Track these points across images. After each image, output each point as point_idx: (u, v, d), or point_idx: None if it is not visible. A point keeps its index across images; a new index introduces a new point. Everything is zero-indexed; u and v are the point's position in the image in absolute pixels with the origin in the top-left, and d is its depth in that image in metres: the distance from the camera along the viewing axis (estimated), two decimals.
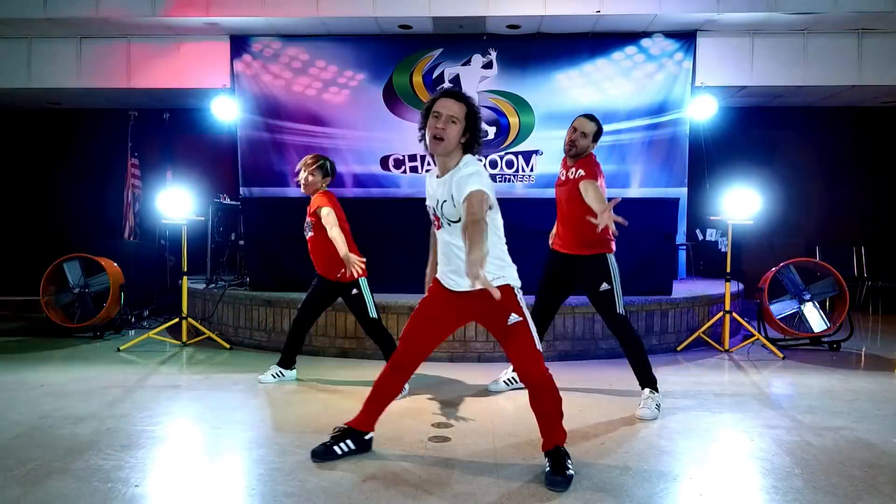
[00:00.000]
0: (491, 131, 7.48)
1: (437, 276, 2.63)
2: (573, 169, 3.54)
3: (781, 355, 4.90)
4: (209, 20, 7.03)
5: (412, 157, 7.48)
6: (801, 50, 7.28)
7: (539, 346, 2.55)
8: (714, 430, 3.16)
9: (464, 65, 7.49)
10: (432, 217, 2.57)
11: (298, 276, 5.39)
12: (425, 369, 4.05)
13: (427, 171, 7.42)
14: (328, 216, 3.73)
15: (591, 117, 3.64)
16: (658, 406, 3.38)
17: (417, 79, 7.49)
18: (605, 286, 3.45)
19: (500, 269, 2.48)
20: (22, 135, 8.99)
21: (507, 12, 6.85)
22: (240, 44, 7.53)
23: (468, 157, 2.47)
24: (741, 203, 5.03)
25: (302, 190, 3.96)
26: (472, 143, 2.47)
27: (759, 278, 5.63)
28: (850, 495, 2.35)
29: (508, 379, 3.94)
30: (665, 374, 4.33)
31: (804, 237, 8.55)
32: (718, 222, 5.63)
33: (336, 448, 2.70)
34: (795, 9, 6.68)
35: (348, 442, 2.72)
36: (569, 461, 2.52)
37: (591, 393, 3.86)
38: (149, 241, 8.23)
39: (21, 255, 8.66)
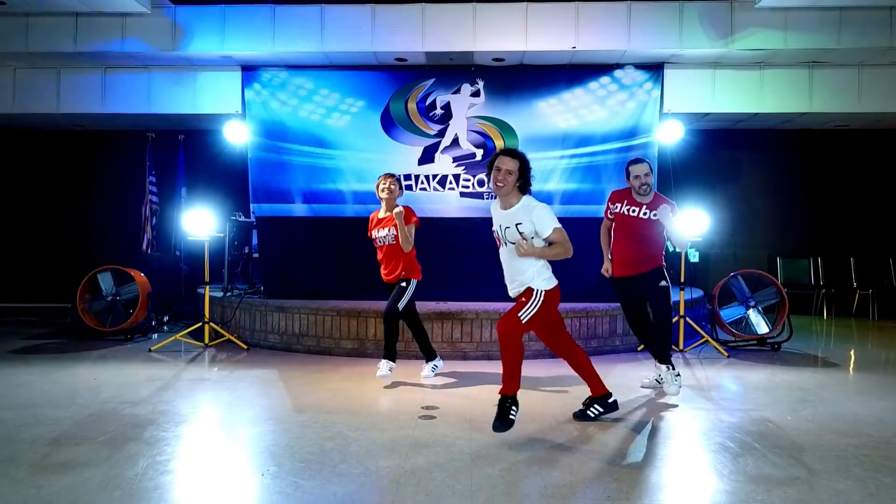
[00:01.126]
0: (479, 153, 8.25)
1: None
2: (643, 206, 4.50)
3: (726, 354, 5.67)
4: (223, 53, 7.78)
5: (407, 177, 8.23)
6: (758, 80, 8.08)
7: (524, 319, 3.36)
8: (648, 412, 3.91)
9: (454, 93, 8.26)
10: (496, 238, 3.53)
11: (306, 285, 6.15)
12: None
13: (420, 188, 8.23)
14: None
15: (642, 160, 4.59)
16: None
17: (412, 105, 8.26)
18: (663, 283, 4.37)
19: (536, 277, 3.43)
20: (48, 154, 9.74)
21: (492, 48, 7.64)
22: (250, 74, 8.28)
23: (528, 197, 3.45)
24: (692, 221, 5.78)
25: (386, 201, 4.79)
26: (525, 185, 3.44)
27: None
28: (736, 454, 3.09)
29: (656, 378, 4.50)
30: (625, 370, 5.10)
31: (765, 249, 9.33)
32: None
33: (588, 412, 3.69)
34: (750, 46, 7.48)
35: (596, 406, 3.69)
36: (513, 408, 3.35)
37: (554, 384, 4.61)
38: (165, 252, 8.96)
39: (46, 267, 9.40)
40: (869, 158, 9.38)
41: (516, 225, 3.37)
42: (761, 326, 6.02)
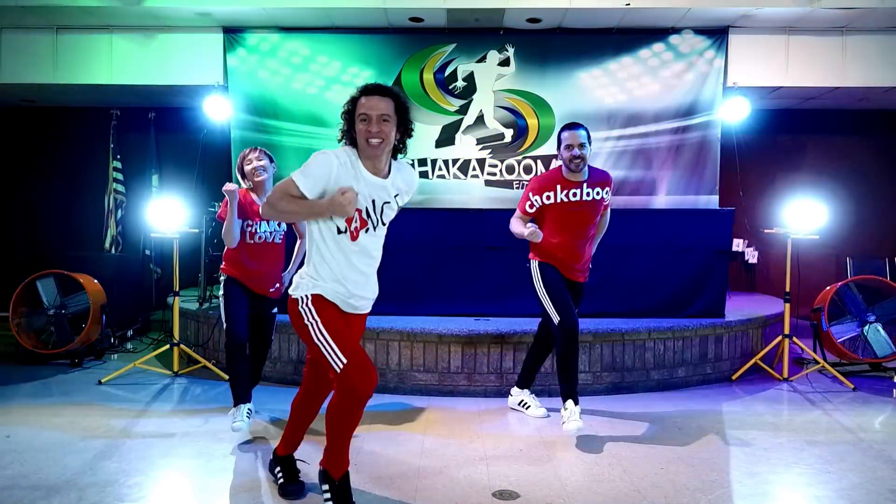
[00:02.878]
0: (508, 134, 6.92)
1: (333, 298, 2.40)
2: (592, 188, 3.43)
3: (852, 385, 4.40)
4: (201, 10, 6.39)
5: (422, 162, 6.88)
6: (839, 49, 6.82)
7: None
8: (788, 482, 2.62)
9: (479, 62, 6.92)
10: (346, 224, 2.35)
11: None
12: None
13: (437, 175, 6.89)
14: None
15: (578, 124, 3.56)
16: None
17: (428, 76, 6.90)
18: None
19: None
20: None
21: (528, 4, 6.30)
22: (234, 37, 6.89)
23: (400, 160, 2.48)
24: (805, 214, 4.51)
25: (255, 181, 3.61)
26: (403, 142, 2.44)
27: (793, 294, 5.11)
28: None
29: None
30: (721, 415, 3.81)
31: (833, 248, 8.08)
32: (773, 235, 5.07)
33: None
34: (838, 3, 6.20)
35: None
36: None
37: (663, 439, 3.30)
38: (132, 252, 7.56)
39: None
40: None
41: (395, 197, 2.45)
42: (882, 347, 4.75)
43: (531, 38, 6.87)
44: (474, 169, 6.97)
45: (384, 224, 2.43)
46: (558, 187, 3.37)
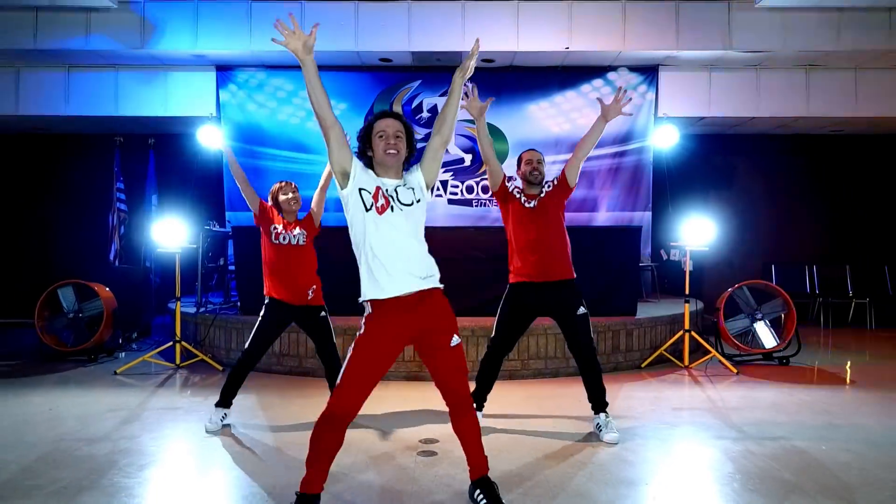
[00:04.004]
0: (467, 158, 7.89)
1: (378, 295, 2.50)
2: (539, 197, 3.77)
3: (735, 370, 5.36)
4: (196, 52, 7.32)
5: None
6: (754, 83, 7.84)
7: None
8: (670, 441, 3.56)
9: (441, 95, 7.89)
10: (372, 200, 2.52)
11: None
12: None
13: None
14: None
15: (535, 149, 3.98)
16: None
17: (398, 108, 7.87)
18: (582, 310, 3.65)
19: (434, 268, 2.63)
20: (6, 160, 9.14)
21: (482, 48, 7.26)
22: (225, 74, 7.84)
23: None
24: (698, 231, 5.48)
25: (290, 208, 3.99)
26: (410, 157, 2.69)
27: (718, 297, 6.09)
28: (779, 496, 2.75)
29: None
30: (630, 390, 4.76)
31: (760, 258, 9.10)
32: (677, 247, 6.07)
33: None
34: (747, 47, 7.23)
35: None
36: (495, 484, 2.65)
37: (562, 410, 4.24)
38: (134, 264, 8.42)
39: (5, 279, 8.79)
40: (864, 164, 9.21)
41: (409, 188, 2.61)
42: (769, 340, 5.73)
43: (487, 75, 7.85)
44: (438, 189, 7.91)
45: (405, 204, 2.54)
46: (517, 191, 3.82)
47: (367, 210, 2.52)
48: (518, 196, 3.82)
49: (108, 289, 6.15)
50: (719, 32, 7.19)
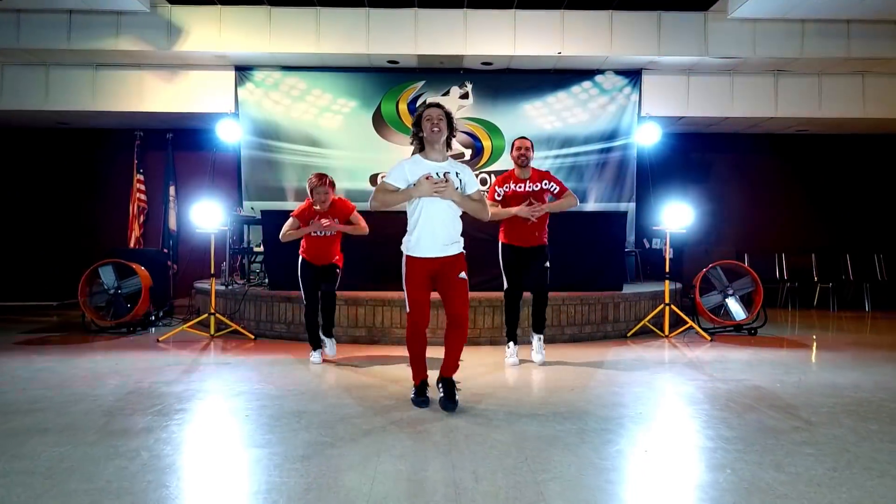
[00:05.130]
0: (467, 153, 8.57)
1: (421, 254, 3.47)
2: (531, 182, 4.82)
3: (709, 338, 6.09)
4: (218, 53, 7.91)
5: None
6: (728, 87, 8.62)
7: None
8: (653, 383, 4.26)
9: (443, 95, 8.57)
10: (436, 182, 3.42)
11: None
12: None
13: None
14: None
15: (525, 137, 4.95)
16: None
17: (403, 106, 8.53)
18: (547, 264, 4.81)
19: (459, 238, 3.57)
20: (33, 152, 9.65)
21: (482, 52, 7.97)
22: (244, 73, 8.43)
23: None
24: (677, 215, 6.20)
25: (324, 206, 4.89)
26: (450, 138, 3.57)
27: (695, 276, 6.82)
28: (741, 412, 3.46)
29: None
30: (618, 353, 5.45)
31: (734, 245, 9.88)
32: (661, 232, 6.79)
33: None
34: (721, 54, 8.00)
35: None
36: (456, 388, 3.60)
37: (561, 363, 4.93)
38: (152, 250, 8.98)
39: (31, 265, 9.30)
40: (828, 161, 10.04)
41: (457, 175, 3.49)
42: (739, 313, 6.46)
43: (485, 76, 8.55)
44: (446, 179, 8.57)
45: (455, 187, 3.44)
46: (511, 182, 4.83)
47: None
48: (508, 186, 4.85)
49: (144, 268, 6.71)
50: (696, 40, 7.95)
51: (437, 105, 3.54)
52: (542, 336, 4.91)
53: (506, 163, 8.63)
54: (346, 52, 7.88)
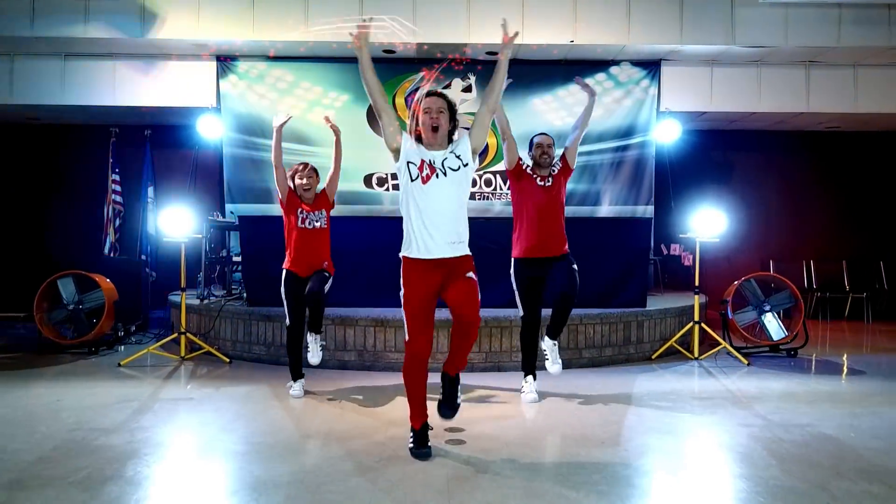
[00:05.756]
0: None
1: (423, 254, 2.96)
2: (551, 176, 4.16)
3: (746, 361, 5.37)
4: (197, 41, 7.19)
5: (395, 175, 7.76)
6: (755, 79, 7.89)
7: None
8: (699, 430, 3.54)
9: (444, 88, 7.84)
10: (418, 171, 2.95)
11: None
12: None
13: None
14: None
15: (546, 133, 4.36)
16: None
17: (400, 100, 7.80)
18: (575, 266, 4.08)
19: (466, 235, 3.04)
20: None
21: (487, 40, 7.24)
22: (226, 64, 7.71)
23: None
24: (708, 222, 5.48)
25: (304, 194, 4.28)
26: (454, 131, 3.11)
27: (720, 290, 6.13)
28: (820, 481, 2.74)
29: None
30: (646, 381, 4.74)
31: (759, 252, 9.16)
32: (686, 239, 6.05)
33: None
34: (750, 42, 7.27)
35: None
36: (460, 389, 3.16)
37: (584, 398, 4.21)
38: (129, 257, 8.28)
39: None
40: (860, 161, 9.31)
41: (457, 155, 3.02)
42: (777, 332, 5.75)
43: (490, 67, 7.79)
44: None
45: (454, 170, 2.96)
46: (529, 173, 4.16)
47: (412, 180, 2.97)
48: (532, 175, 4.16)
49: (109, 280, 6.00)
50: (723, 27, 7.22)
51: (438, 94, 3.07)
52: (557, 342, 4.18)
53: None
54: (337, 41, 7.15)
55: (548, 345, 4.16)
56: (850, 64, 7.81)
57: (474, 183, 7.90)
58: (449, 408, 3.13)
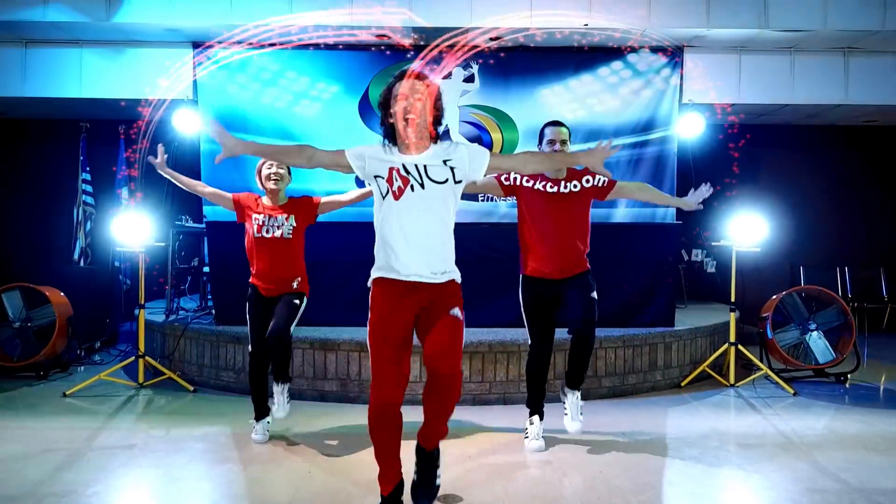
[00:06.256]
0: None
1: (398, 273, 2.40)
2: (567, 182, 3.37)
3: (793, 391, 4.62)
4: (170, 26, 6.50)
5: None
6: (788, 67, 7.13)
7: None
8: (757, 493, 2.81)
9: (444, 78, 7.10)
10: (387, 184, 2.39)
11: None
12: None
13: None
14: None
15: (560, 122, 3.52)
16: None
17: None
18: (594, 294, 3.36)
19: (452, 265, 2.47)
20: None
21: (492, 24, 6.49)
22: (203, 52, 7.00)
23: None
24: (747, 229, 4.75)
25: (272, 187, 3.65)
26: (437, 123, 2.49)
27: (746, 299, 5.36)
28: None
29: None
30: (678, 417, 4.03)
31: (787, 257, 8.40)
32: (727, 249, 5.25)
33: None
34: (784, 26, 6.52)
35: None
36: (439, 466, 2.49)
37: (607, 444, 3.48)
38: (101, 264, 7.58)
39: None
40: None
41: (446, 162, 2.41)
42: (824, 354, 5.01)
43: (494, 55, 7.07)
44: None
45: (436, 181, 2.37)
46: (538, 180, 3.37)
47: (383, 197, 2.41)
48: (530, 183, 3.36)
49: (62, 294, 5.31)
50: (754, 8, 6.47)
51: (418, 75, 2.44)
52: (579, 394, 3.46)
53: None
54: (326, 23, 6.43)
55: (567, 397, 3.44)
56: (892, 51, 7.05)
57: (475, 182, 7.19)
58: (426, 493, 2.44)
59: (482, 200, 7.14)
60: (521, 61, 7.09)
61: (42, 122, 8.11)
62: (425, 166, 2.37)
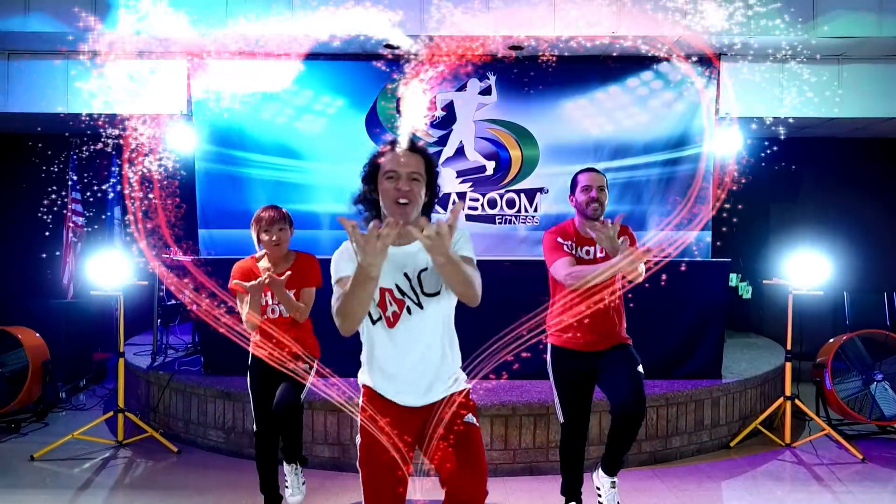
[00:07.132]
0: (490, 166, 6.57)
1: (378, 389, 2.05)
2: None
3: (861, 456, 4.04)
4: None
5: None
6: (835, 78, 6.53)
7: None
8: None
9: (459, 90, 6.57)
10: (379, 310, 2.00)
11: None
12: None
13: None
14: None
15: (596, 169, 3.16)
16: None
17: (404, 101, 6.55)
18: (640, 368, 2.92)
19: (457, 369, 2.13)
20: None
21: (512, 32, 5.96)
22: (198, 63, 6.50)
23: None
24: (807, 268, 4.16)
25: (271, 253, 3.17)
26: (431, 202, 2.10)
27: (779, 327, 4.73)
28: None
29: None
30: (732, 490, 3.45)
31: (830, 284, 7.76)
32: (783, 288, 4.61)
33: None
34: (838, 32, 5.92)
35: None
36: None
37: None
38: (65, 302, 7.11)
39: None
40: None
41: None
42: (890, 407, 4.41)
43: (514, 66, 6.52)
44: (454, 203, 6.59)
45: (431, 295, 2.00)
46: (571, 240, 2.95)
47: (373, 322, 2.02)
48: (562, 243, 2.96)
49: (37, 335, 4.82)
50: (802, 14, 5.88)
51: (412, 148, 2.02)
52: (615, 480, 2.91)
53: (539, 179, 6.62)
54: (331, 33, 5.91)
55: (602, 482, 2.93)
56: None
57: (493, 204, 6.62)
58: None
59: (499, 223, 6.60)
60: (541, 72, 6.51)
61: (24, 137, 7.61)
62: (419, 277, 1.99)
